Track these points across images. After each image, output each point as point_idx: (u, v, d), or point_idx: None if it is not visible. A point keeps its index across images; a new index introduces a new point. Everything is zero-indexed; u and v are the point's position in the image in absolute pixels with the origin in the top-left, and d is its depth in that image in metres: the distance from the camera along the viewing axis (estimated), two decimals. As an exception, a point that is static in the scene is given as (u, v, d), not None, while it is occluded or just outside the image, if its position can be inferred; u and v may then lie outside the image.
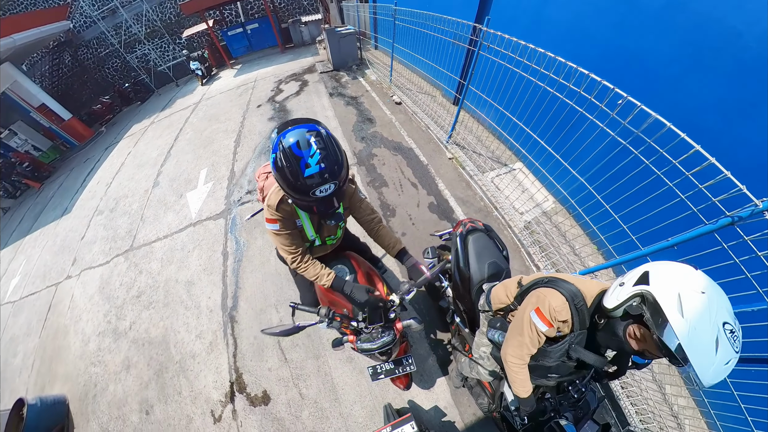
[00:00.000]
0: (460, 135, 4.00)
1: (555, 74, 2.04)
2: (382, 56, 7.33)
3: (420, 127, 4.54)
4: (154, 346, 3.47)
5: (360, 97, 5.71)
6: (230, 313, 3.29)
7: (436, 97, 5.03)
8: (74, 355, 3.98)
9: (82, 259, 5.38)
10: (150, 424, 3.03)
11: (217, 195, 4.73)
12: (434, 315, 2.49)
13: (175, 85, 11.55)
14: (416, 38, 4.46)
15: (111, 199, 6.46)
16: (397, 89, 5.56)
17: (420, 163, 3.90)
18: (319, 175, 0.98)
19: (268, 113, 6.15)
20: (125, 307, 4.02)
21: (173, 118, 8.58)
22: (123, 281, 4.37)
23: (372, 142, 4.45)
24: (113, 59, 12.54)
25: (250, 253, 3.68)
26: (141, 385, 3.28)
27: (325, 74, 7.06)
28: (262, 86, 7.58)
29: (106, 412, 3.31)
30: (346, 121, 5.06)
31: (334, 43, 6.68)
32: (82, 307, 4.50)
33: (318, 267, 1.36)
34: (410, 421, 1.47)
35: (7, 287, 6.33)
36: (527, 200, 2.93)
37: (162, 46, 12.00)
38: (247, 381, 2.81)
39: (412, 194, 3.51)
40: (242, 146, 5.54)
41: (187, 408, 2.93)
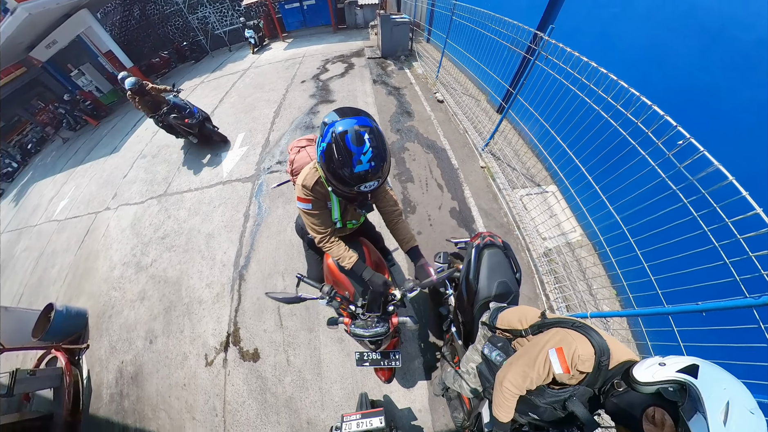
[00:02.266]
0: (497, 145, 3.88)
1: (613, 99, 1.91)
2: (432, 50, 7.14)
3: (458, 129, 4.45)
4: (168, 285, 3.80)
5: (403, 89, 5.64)
6: (240, 270, 3.50)
7: (480, 102, 4.86)
8: (100, 278, 4.48)
9: (121, 195, 5.98)
10: (151, 352, 3.36)
11: (250, 160, 4.95)
12: (431, 319, 2.51)
13: (228, 50, 11.98)
14: (471, 37, 4.30)
15: (155, 146, 7.00)
16: (442, 86, 5.43)
17: (450, 165, 3.85)
18: (369, 173, 1.02)
19: (311, 90, 6.25)
20: (150, 245, 4.44)
21: (222, 80, 8.96)
22: (152, 222, 4.80)
23: (407, 136, 4.42)
24: (176, 18, 13.15)
25: (269, 220, 3.86)
26: (150, 317, 3.63)
27: (372, 60, 7.02)
28: (309, 63, 7.67)
29: (117, 332, 3.72)
30: (385, 111, 5.04)
31: (387, 30, 6.58)
32: (113, 237, 5.04)
33: (342, 248, 1.42)
34: (380, 415, 1.53)
35: (56, 207, 7.26)
36: (553, 226, 2.81)
37: (222, 11, 12.37)
38: (242, 336, 3.01)
39: (436, 195, 3.49)
40: (281, 117, 5.71)
41: (185, 346, 3.20)
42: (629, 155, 1.85)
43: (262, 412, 2.54)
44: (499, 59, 3.69)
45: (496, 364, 1.13)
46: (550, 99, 2.64)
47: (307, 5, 10.51)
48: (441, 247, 2.84)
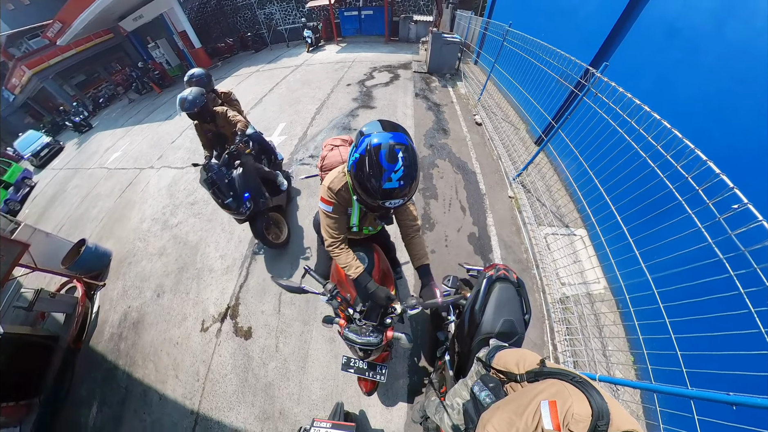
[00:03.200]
0: (530, 177, 3.75)
1: (663, 148, 1.78)
2: (478, 72, 7.16)
3: (491, 155, 4.37)
4: (187, 248, 4.04)
5: (443, 106, 5.68)
6: (254, 250, 3.63)
7: (519, 131, 4.76)
8: (130, 227, 4.89)
9: (166, 158, 6.52)
10: (156, 305, 3.55)
11: (285, 148, 5.17)
12: (427, 342, 2.42)
13: (286, 45, 12.83)
14: (519, 64, 4.25)
15: None
16: (483, 109, 5.39)
17: (478, 190, 3.77)
18: (396, 191, 1.02)
19: (354, 94, 6.47)
20: (180, 207, 4.76)
21: (275, 72, 9.54)
22: (186, 187, 5.16)
23: (439, 153, 4.41)
24: (245, 10, 14.46)
25: (290, 209, 3.98)
26: (164, 272, 3.87)
27: (417, 74, 7.16)
28: (357, 68, 7.98)
29: (132, 279, 4.01)
30: (421, 125, 5.08)
31: (437, 47, 6.71)
32: (150, 194, 5.48)
33: (350, 257, 1.41)
34: (351, 430, 1.49)
35: (109, 157, 8.11)
36: (575, 273, 2.64)
37: (287, 10, 13.41)
38: (240, 312, 3.09)
39: (457, 217, 3.42)
40: (321, 115, 5.94)
41: (187, 308, 3.35)
42: (673, 211, 1.70)
43: (240, 390, 2.57)
44: (545, 90, 3.61)
45: (484, 405, 1.05)
46: (593, 138, 2.52)
47: (365, 15, 11.09)
48: (452, 271, 2.76)
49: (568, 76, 3.01)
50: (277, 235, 3.33)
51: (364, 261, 1.66)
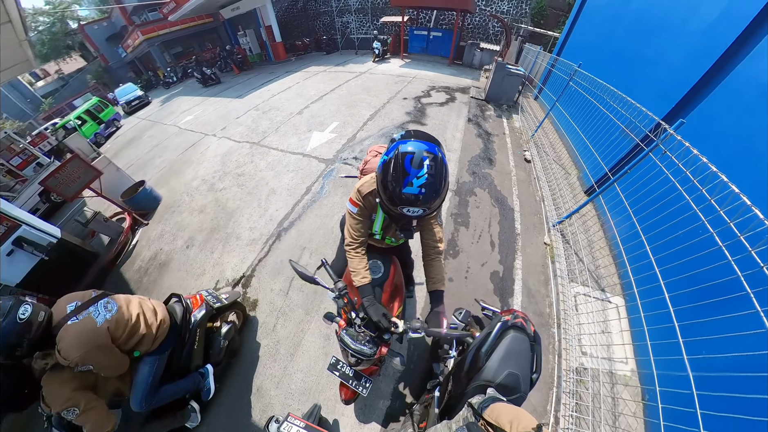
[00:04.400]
0: (572, 227, 3.51)
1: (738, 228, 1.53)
2: (537, 108, 6.96)
3: (534, 195, 4.17)
4: (224, 212, 4.41)
5: (494, 136, 5.59)
6: (280, 230, 3.82)
7: (569, 176, 4.51)
8: (183, 181, 5.52)
9: (228, 129, 7.29)
10: (182, 254, 3.92)
11: (333, 146, 5.45)
12: (419, 371, 2.31)
13: (355, 52, 13.71)
14: (582, 107, 4.06)
15: (268, 105, 8.32)
16: (534, 147, 5.20)
17: (512, 228, 3.59)
18: (415, 198, 1.00)
19: (408, 108, 6.64)
20: (228, 176, 5.26)
21: (339, 75, 10.16)
22: (238, 160, 5.70)
23: (479, 182, 4.32)
24: (325, 16, 15.93)
25: (324, 202, 4.15)
26: (198, 228, 4.26)
27: (474, 100, 7.16)
28: (416, 85, 8.20)
29: (170, 226, 4.49)
30: (468, 150, 5.04)
31: (499, 77, 6.69)
32: (207, 157, 6.17)
33: (362, 264, 1.40)
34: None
35: (183, 118, 9.32)
36: (601, 345, 2.37)
37: (362, 21, 14.47)
38: (252, 284, 3.26)
39: (484, 251, 3.28)
40: (373, 121, 6.17)
41: (208, 265, 3.64)
42: (739, 303, 1.48)
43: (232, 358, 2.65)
44: (606, 138, 3.39)
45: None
46: (653, 200, 2.29)
47: (433, 36, 11.48)
48: (466, 305, 2.63)
49: (636, 127, 2.79)
50: None
51: (379, 270, 1.65)
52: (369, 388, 1.49)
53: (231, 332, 2.38)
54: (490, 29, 11.79)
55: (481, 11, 11.60)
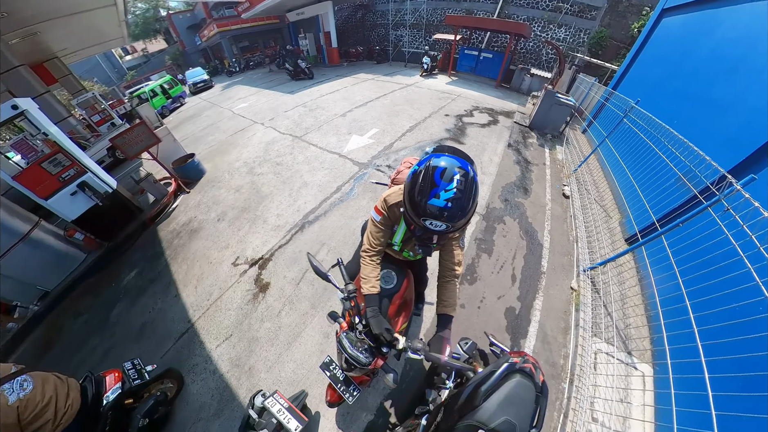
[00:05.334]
0: (604, 276, 3.24)
1: None
2: (583, 142, 6.60)
3: (568, 234, 3.92)
4: (257, 195, 4.75)
5: (533, 165, 5.37)
6: (305, 222, 4.00)
7: (610, 219, 4.19)
8: (227, 160, 6.12)
9: (275, 121, 7.88)
10: (213, 226, 4.28)
11: (369, 151, 5.60)
12: (410, 394, 2.22)
13: (404, 65, 14.09)
14: (634, 147, 3.78)
15: (315, 104, 8.82)
16: (575, 182, 4.92)
17: (538, 265, 3.38)
18: (440, 211, 0.97)
19: (448, 125, 6.63)
20: (267, 162, 5.68)
21: (386, 85, 10.47)
22: (279, 150, 6.13)
23: (510, 210, 4.15)
24: (380, 28, 16.70)
25: (351, 203, 4.24)
26: (231, 205, 4.64)
27: (517, 125, 6.97)
28: (460, 103, 8.18)
29: (207, 198, 4.96)
30: (503, 176, 4.89)
31: (546, 105, 6.46)
32: (252, 143, 6.73)
33: (375, 273, 1.39)
34: (301, 424, 1.51)
35: (238, 105, 10.32)
36: (616, 415, 2.10)
37: (415, 36, 14.95)
38: (268, 267, 3.42)
39: (503, 284, 3.11)
40: (412, 133, 6.25)
41: (233, 240, 3.92)
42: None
43: (232, 328, 2.85)
44: (658, 185, 3.11)
45: None
46: (706, 262, 2.04)
47: (484, 56, 11.46)
48: (473, 336, 2.52)
49: (695, 177, 2.54)
50: None
51: (392, 281, 1.64)
52: (356, 397, 1.47)
53: (155, 408, 2.11)
54: (543, 56, 11.53)
55: (536, 37, 11.42)
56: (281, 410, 1.57)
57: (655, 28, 5.82)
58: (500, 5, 11.78)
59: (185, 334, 2.90)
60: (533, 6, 11.29)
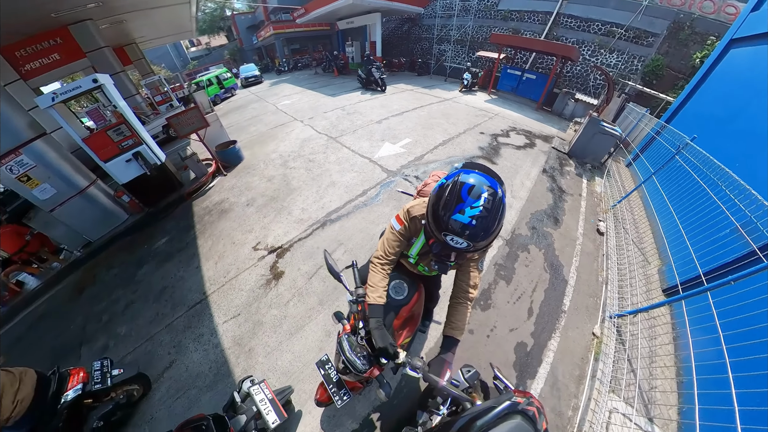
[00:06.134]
0: (633, 326, 2.95)
1: None
2: (627, 177, 6.15)
3: (598, 274, 3.63)
4: (286, 187, 5.01)
5: (567, 195, 5.09)
6: (327, 220, 4.12)
7: (648, 265, 3.82)
8: (264, 151, 6.53)
9: (314, 120, 8.31)
10: (241, 209, 4.59)
11: (399, 160, 5.66)
12: (401, 410, 2.14)
13: (444, 79, 14.18)
14: (685, 187, 3.46)
15: (353, 108, 9.17)
16: (613, 219, 4.59)
17: (559, 303, 3.14)
18: (462, 228, 0.95)
19: (482, 143, 6.51)
20: (300, 158, 5.99)
21: (424, 97, 10.59)
22: (314, 147, 6.43)
23: (537, 239, 3.93)
24: (425, 42, 16.99)
25: (374, 208, 4.31)
26: (261, 192, 4.96)
27: (555, 151, 6.68)
28: (496, 122, 8.01)
29: (241, 183, 5.38)
30: (533, 202, 4.68)
31: (589, 132, 6.11)
32: (289, 138, 7.14)
33: (382, 283, 1.36)
34: (280, 419, 1.55)
35: (282, 101, 11.07)
36: None
37: (458, 51, 15.03)
38: (285, 257, 3.56)
39: (519, 316, 2.93)
40: (444, 147, 6.23)
41: (257, 226, 4.15)
42: None
43: (241, 307, 2.99)
44: (710, 233, 2.79)
45: None
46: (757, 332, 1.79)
47: (527, 77, 11.16)
48: (477, 365, 2.35)
49: (756, 230, 2.25)
50: None
51: (402, 292, 1.61)
52: (345, 402, 1.45)
53: (113, 411, 2.10)
54: (590, 81, 10.98)
55: (585, 61, 10.93)
56: (264, 400, 1.60)
57: (720, 59, 5.36)
58: (549, 26, 11.49)
59: (198, 305, 3.09)
60: (584, 29, 10.90)
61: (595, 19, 10.53)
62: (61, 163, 4.06)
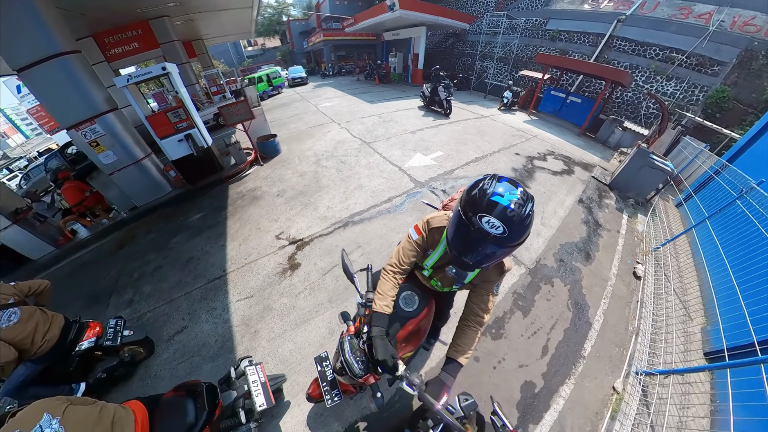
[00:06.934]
0: (663, 389, 2.62)
1: None
2: (675, 217, 5.55)
3: (627, 322, 3.28)
4: (316, 184, 5.26)
5: (603, 230, 4.72)
6: (349, 221, 4.23)
7: (690, 322, 3.40)
8: (301, 148, 6.97)
9: (350, 123, 8.65)
10: (271, 199, 4.91)
11: (429, 172, 5.66)
12: (390, 425, 2.04)
13: (483, 96, 13.98)
14: (745, 238, 3.08)
15: (389, 117, 9.43)
16: (654, 264, 4.17)
17: (579, 347, 2.86)
18: (502, 210, 0.88)
19: (517, 164, 6.29)
20: (333, 158, 6.26)
21: (461, 112, 10.55)
22: (347, 149, 6.70)
23: (563, 273, 3.65)
24: (467, 57, 16.94)
25: (397, 216, 4.33)
26: (292, 186, 5.29)
27: (595, 181, 6.27)
28: (534, 144, 7.72)
29: (275, 174, 5.74)
30: (565, 233, 4.38)
31: (636, 164, 5.63)
32: (325, 138, 7.51)
33: (391, 292, 1.34)
34: (267, 403, 1.59)
35: (323, 103, 11.70)
36: None
37: (500, 69, 14.77)
38: (304, 250, 3.72)
39: (531, 353, 2.71)
40: (476, 164, 6.14)
41: (282, 216, 4.41)
42: None
43: (255, 289, 3.17)
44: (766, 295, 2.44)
45: None
46: None
47: (571, 100, 10.59)
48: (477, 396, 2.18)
49: None
50: None
51: (413, 304, 1.58)
52: (335, 402, 1.45)
53: (116, 367, 2.30)
54: (642, 109, 10.16)
55: (637, 87, 10.19)
56: (257, 382, 1.64)
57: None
58: (600, 49, 10.95)
59: (217, 279, 3.34)
60: (639, 53, 10.20)
61: (653, 44, 9.87)
62: (125, 135, 4.72)
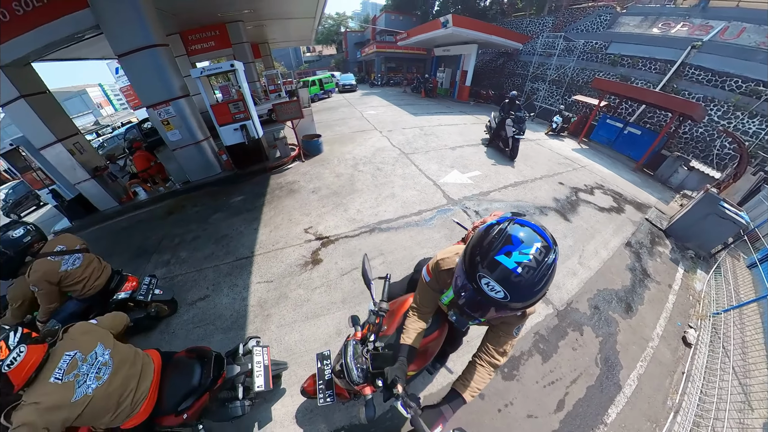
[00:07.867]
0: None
1: None
2: (745, 279, 4.61)
3: (667, 395, 2.77)
4: (350, 187, 5.52)
5: (652, 281, 4.14)
6: (376, 228, 4.33)
7: (749, 412, 2.79)
8: (341, 150, 7.40)
9: (392, 132, 8.98)
10: (306, 194, 5.28)
11: (464, 190, 5.58)
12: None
13: (531, 119, 13.55)
14: None
15: (431, 130, 9.60)
16: (709, 330, 3.58)
17: (602, 411, 2.47)
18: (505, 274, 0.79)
19: (559, 195, 5.89)
20: (370, 164, 6.56)
21: (506, 132, 10.28)
22: (384, 157, 6.94)
23: (596, 323, 3.24)
24: (518, 78, 16.56)
25: (425, 231, 4.32)
26: (327, 185, 5.62)
27: (648, 224, 5.63)
28: (581, 175, 7.20)
29: (314, 172, 6.24)
30: (605, 277, 3.91)
31: (700, 211, 4.85)
32: (366, 144, 7.85)
33: (417, 328, 1.34)
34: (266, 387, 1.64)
35: (368, 111, 12.33)
36: None
37: (552, 92, 14.14)
38: (328, 247, 3.91)
39: (544, 405, 2.40)
40: (514, 189, 5.90)
41: (314, 213, 4.70)
42: None
43: (275, 277, 3.39)
44: None
45: None
46: None
47: (629, 131, 9.61)
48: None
49: None
50: None
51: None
52: (327, 403, 1.46)
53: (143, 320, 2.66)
54: (715, 148, 8.86)
55: (711, 122, 8.92)
56: (260, 363, 1.71)
57: None
58: (668, 77, 9.93)
59: (244, 259, 3.69)
60: (716, 84, 9.01)
61: (734, 74, 8.75)
62: (192, 119, 5.58)
